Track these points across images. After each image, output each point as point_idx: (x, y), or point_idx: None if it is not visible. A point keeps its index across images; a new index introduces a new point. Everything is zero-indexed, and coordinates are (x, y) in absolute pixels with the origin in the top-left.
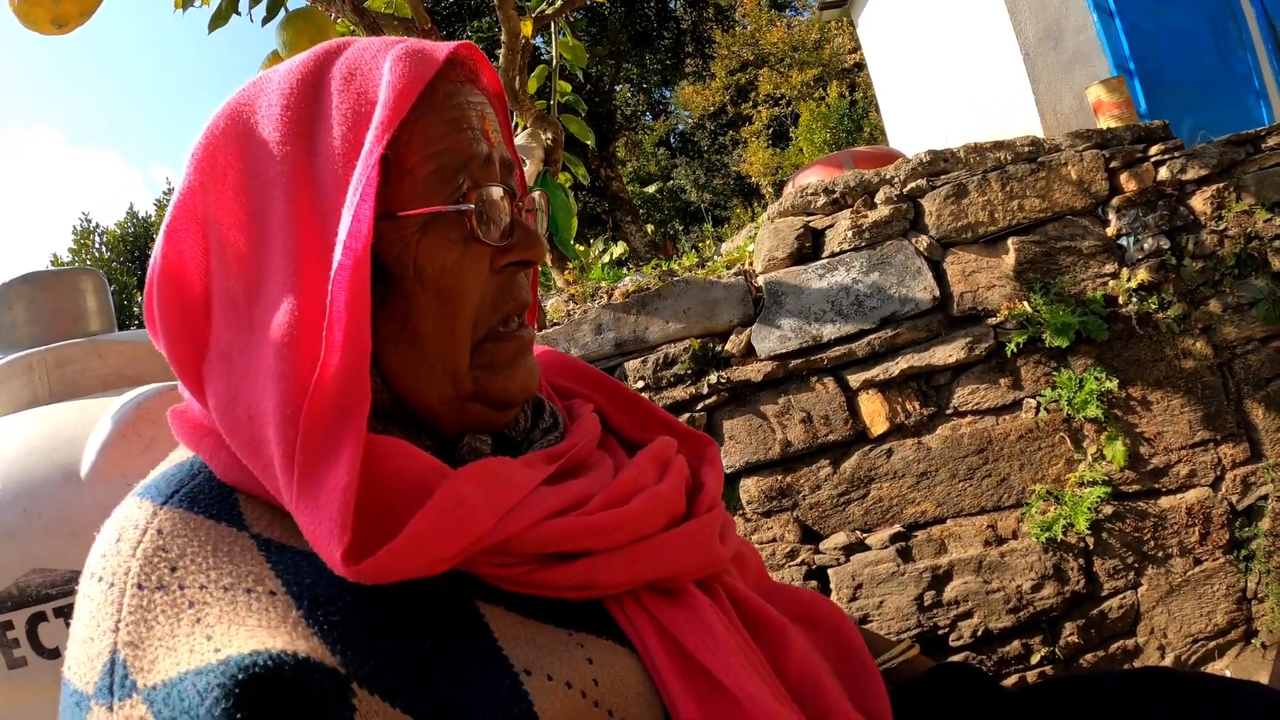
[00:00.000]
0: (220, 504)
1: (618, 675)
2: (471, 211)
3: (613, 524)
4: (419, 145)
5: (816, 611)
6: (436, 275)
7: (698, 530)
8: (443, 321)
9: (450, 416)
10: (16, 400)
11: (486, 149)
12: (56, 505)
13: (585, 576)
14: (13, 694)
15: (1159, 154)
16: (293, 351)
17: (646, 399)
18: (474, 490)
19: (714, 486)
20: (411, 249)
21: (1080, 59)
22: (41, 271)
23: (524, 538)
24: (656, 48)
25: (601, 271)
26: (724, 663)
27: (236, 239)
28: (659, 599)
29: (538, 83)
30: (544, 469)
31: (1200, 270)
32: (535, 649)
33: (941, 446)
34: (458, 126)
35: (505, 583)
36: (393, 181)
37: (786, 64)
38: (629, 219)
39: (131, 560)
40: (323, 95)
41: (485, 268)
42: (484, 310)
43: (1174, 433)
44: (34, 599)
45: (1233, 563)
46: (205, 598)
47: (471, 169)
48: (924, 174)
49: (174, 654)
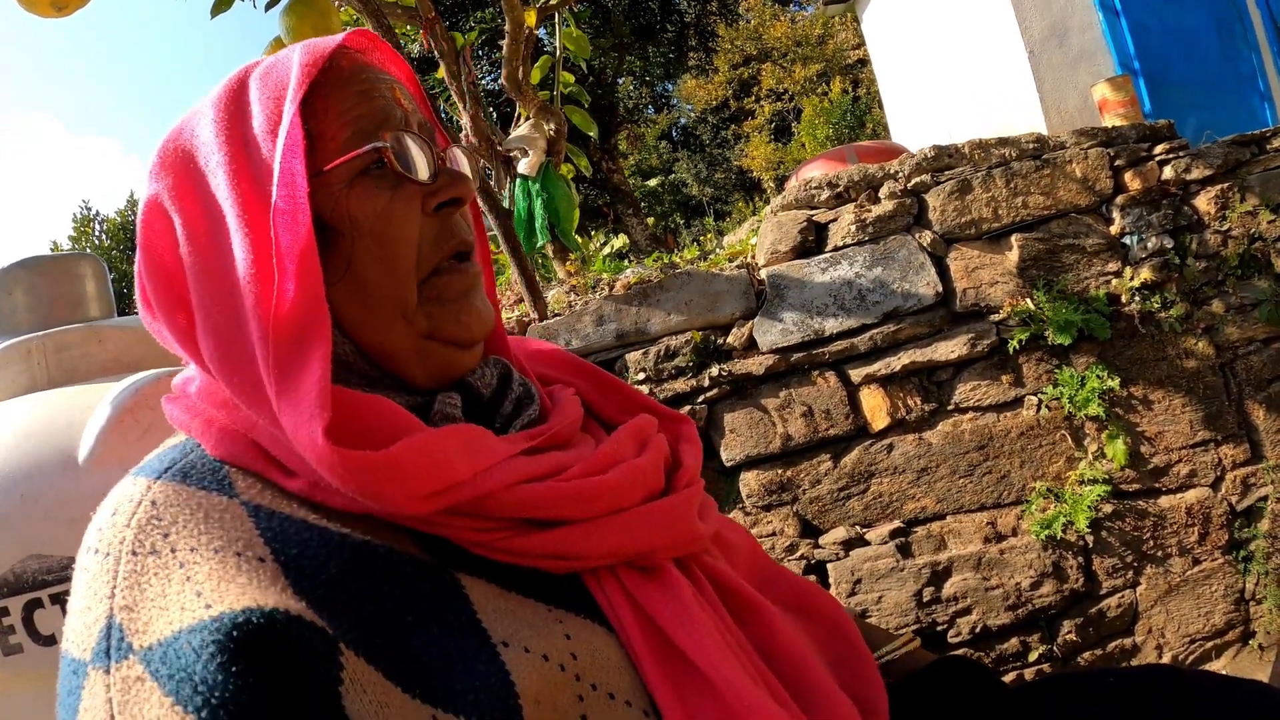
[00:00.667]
0: (212, 476)
1: (596, 650)
2: (387, 149)
3: (590, 492)
4: (335, 113)
5: (814, 602)
6: (370, 220)
7: (676, 505)
8: (384, 263)
9: (414, 361)
10: (15, 385)
11: (400, 112)
12: (54, 491)
13: (562, 545)
14: (9, 681)
15: (1164, 153)
16: (254, 287)
17: (624, 382)
18: (454, 443)
19: (692, 464)
20: (344, 200)
21: (1085, 57)
22: (41, 256)
23: (501, 498)
24: (659, 41)
25: (603, 263)
26: (698, 642)
27: (195, 221)
28: (637, 576)
29: (541, 73)
30: (522, 442)
31: (1203, 270)
32: (514, 621)
33: (942, 443)
34: (368, 95)
35: (483, 548)
36: (318, 148)
37: (790, 59)
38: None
39: (126, 530)
40: (245, 94)
41: (417, 209)
42: (425, 250)
43: (1175, 432)
44: (30, 585)
45: (1231, 563)
46: (195, 558)
47: (387, 126)
48: (928, 169)
49: (166, 612)
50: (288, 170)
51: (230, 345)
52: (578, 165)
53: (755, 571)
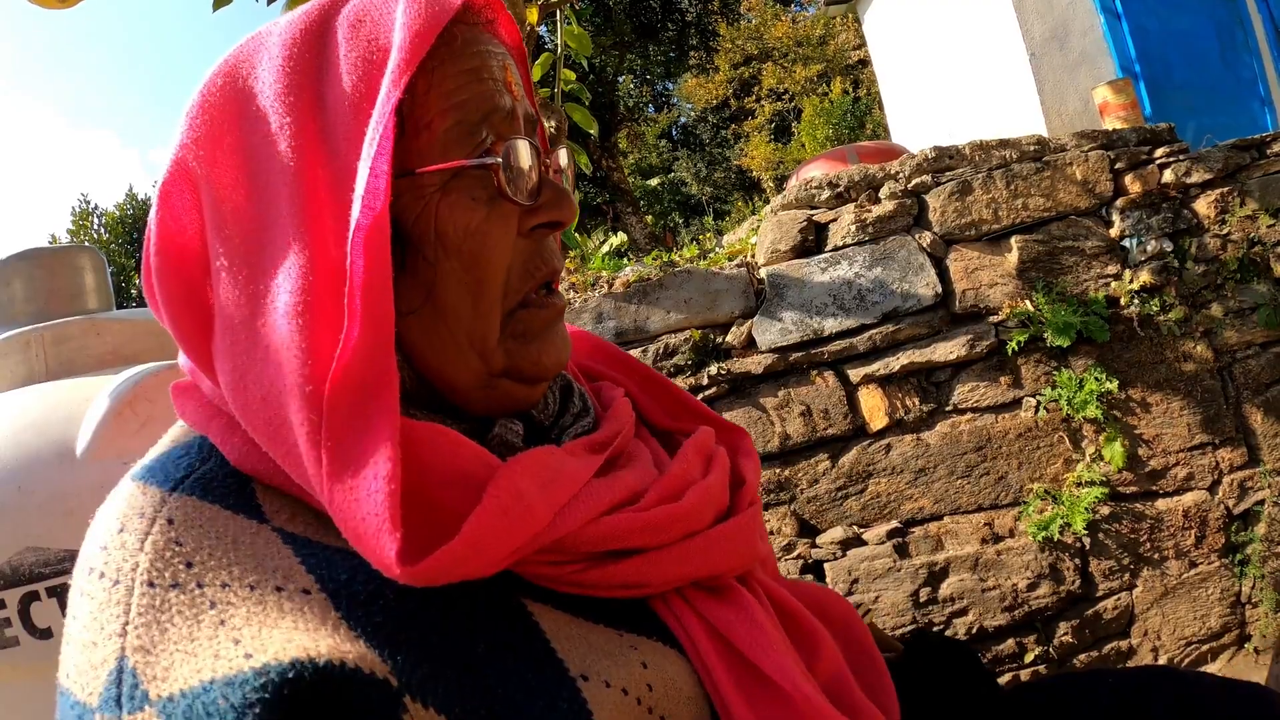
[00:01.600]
0: (237, 493)
1: (670, 679)
2: (498, 165)
3: (667, 520)
4: (437, 96)
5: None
6: (460, 238)
7: (744, 526)
8: (469, 290)
9: (478, 395)
10: (13, 377)
11: (510, 102)
12: (51, 483)
13: (638, 575)
14: (4, 673)
15: (1164, 157)
16: (309, 321)
17: (674, 384)
18: (529, 484)
19: (754, 480)
20: (432, 209)
21: (1086, 60)
22: (40, 249)
23: (580, 535)
24: (660, 39)
25: (602, 261)
26: (778, 663)
27: (234, 196)
28: (706, 597)
29: (542, 70)
30: (593, 460)
31: (1202, 274)
32: (589, 650)
33: (940, 443)
34: (478, 76)
35: (553, 582)
36: (409, 136)
37: (790, 59)
38: (629, 210)
39: (139, 554)
40: (329, 44)
41: (513, 230)
42: (514, 277)
43: (1172, 435)
44: (27, 578)
45: (1228, 567)
46: (229, 597)
47: (494, 121)
48: (929, 170)
49: (194, 659)
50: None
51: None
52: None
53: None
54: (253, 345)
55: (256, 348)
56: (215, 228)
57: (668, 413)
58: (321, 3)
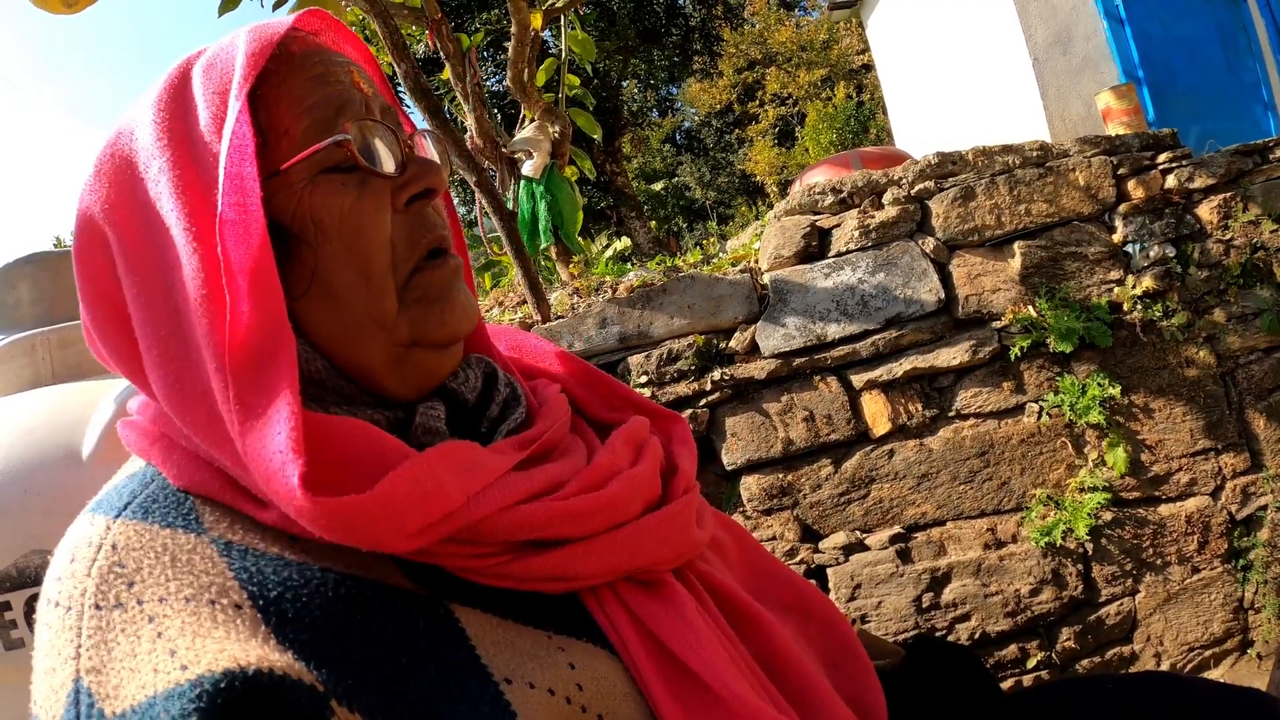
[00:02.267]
0: (176, 510)
1: (601, 677)
2: (349, 141)
3: (589, 509)
4: (288, 104)
5: (810, 603)
6: (337, 222)
7: (675, 514)
8: (356, 268)
9: (392, 372)
10: (19, 380)
11: (360, 96)
12: (57, 486)
13: (562, 566)
14: (10, 675)
15: (1167, 162)
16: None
17: (612, 377)
18: (444, 469)
19: (688, 468)
20: (305, 201)
21: (1089, 65)
22: (46, 252)
23: (496, 522)
24: (664, 44)
25: (605, 266)
26: (707, 661)
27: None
28: (637, 591)
29: (546, 75)
30: (514, 455)
31: (1205, 279)
32: (515, 654)
33: (943, 449)
34: (323, 80)
35: (478, 575)
36: (271, 145)
37: (794, 63)
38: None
39: (87, 580)
40: (188, 89)
41: (387, 206)
42: (399, 250)
43: (1175, 441)
44: (33, 580)
45: (1230, 572)
46: (165, 610)
47: (347, 113)
48: (932, 176)
49: (137, 674)
50: (235, 174)
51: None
52: (582, 168)
53: (749, 570)
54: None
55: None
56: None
57: (607, 405)
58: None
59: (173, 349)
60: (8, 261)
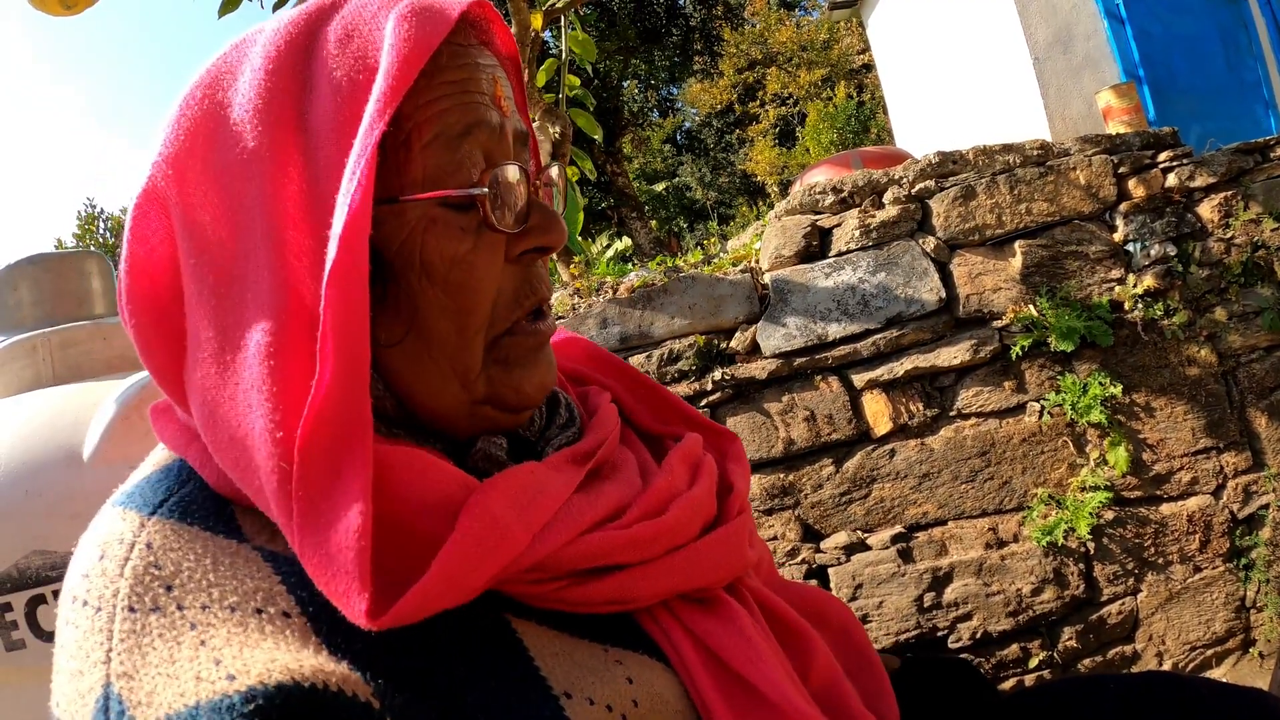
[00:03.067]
0: (216, 515)
1: (657, 694)
2: (485, 196)
3: (650, 536)
4: (420, 109)
5: (826, 611)
6: (446, 268)
7: (731, 535)
8: (454, 319)
9: (460, 422)
10: (20, 381)
11: (498, 118)
12: (58, 487)
13: (620, 591)
14: (11, 676)
15: (1167, 161)
16: (280, 364)
17: (664, 387)
18: (506, 508)
19: (743, 487)
20: (417, 238)
21: (1090, 64)
22: (46, 253)
23: (560, 556)
24: (665, 44)
25: (606, 266)
26: (766, 674)
27: (208, 223)
28: (692, 608)
29: (546, 76)
30: (574, 473)
31: (1206, 278)
32: (574, 668)
33: (944, 448)
34: (463, 88)
35: (537, 599)
36: (388, 153)
37: (795, 63)
38: (634, 215)
39: (120, 580)
40: (314, 60)
41: (500, 257)
42: (501, 305)
43: (1177, 440)
44: (34, 581)
45: (1232, 571)
46: (209, 619)
47: (479, 137)
48: (932, 175)
49: (176, 681)
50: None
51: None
52: (582, 168)
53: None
54: (223, 382)
55: (226, 385)
56: (186, 254)
57: (656, 417)
58: (309, 10)
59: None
60: (9, 263)
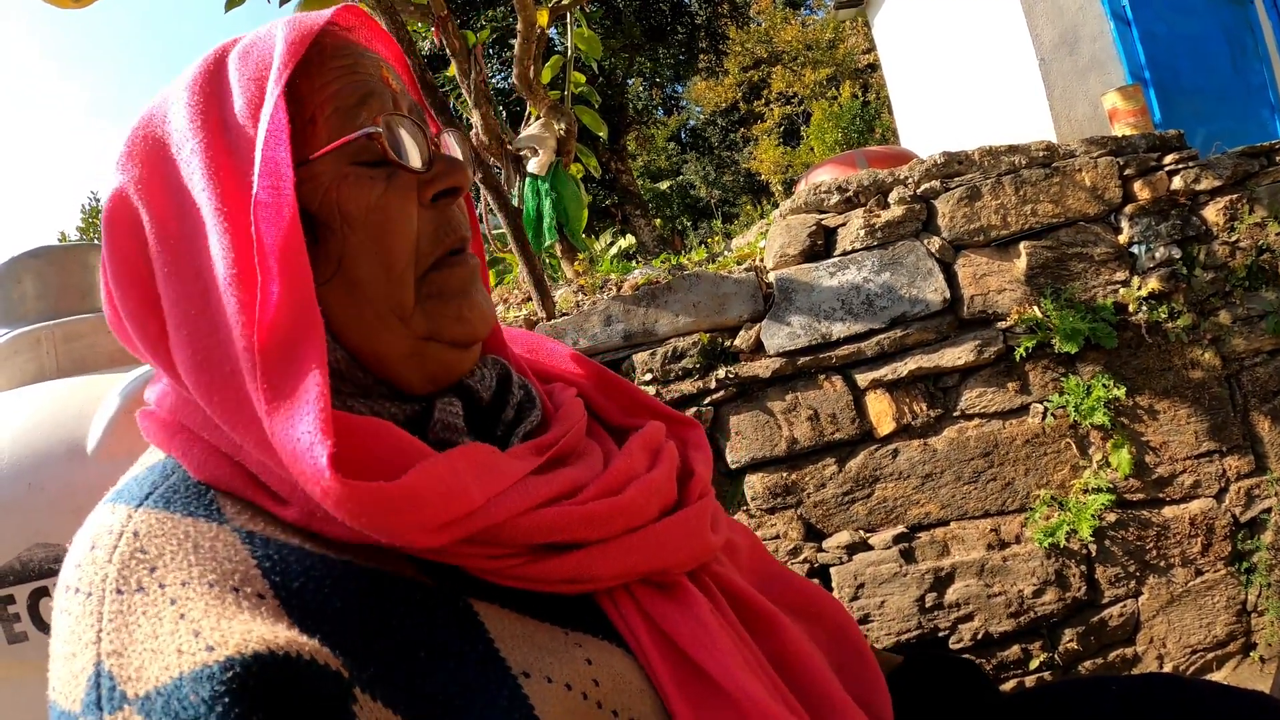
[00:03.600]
0: (197, 500)
1: (617, 674)
2: (380, 134)
3: (606, 514)
4: (318, 94)
5: (819, 605)
6: (364, 213)
7: (690, 519)
8: (378, 259)
9: (409, 364)
10: (23, 374)
11: (389, 92)
12: (61, 480)
13: (578, 569)
14: (12, 668)
15: (1173, 163)
16: (235, 289)
17: (628, 382)
18: (464, 469)
19: (704, 472)
20: (334, 191)
21: (1096, 66)
22: (51, 246)
23: (515, 525)
24: (670, 42)
25: (610, 264)
26: (720, 661)
27: (165, 212)
28: (652, 592)
29: (552, 73)
30: (532, 460)
31: (1211, 281)
32: (533, 649)
33: (947, 448)
34: (351, 70)
35: (496, 576)
36: (300, 131)
37: (800, 62)
38: (638, 213)
39: (108, 566)
40: (223, 74)
41: (413, 201)
42: (423, 244)
43: (1180, 443)
44: (36, 574)
45: (1234, 575)
46: (188, 594)
47: (372, 105)
48: (938, 175)
49: (161, 655)
50: (270, 158)
51: (209, 356)
52: (587, 165)
53: (759, 572)
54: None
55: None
56: (155, 240)
57: (622, 409)
58: (214, 48)
59: (202, 328)
60: (13, 256)
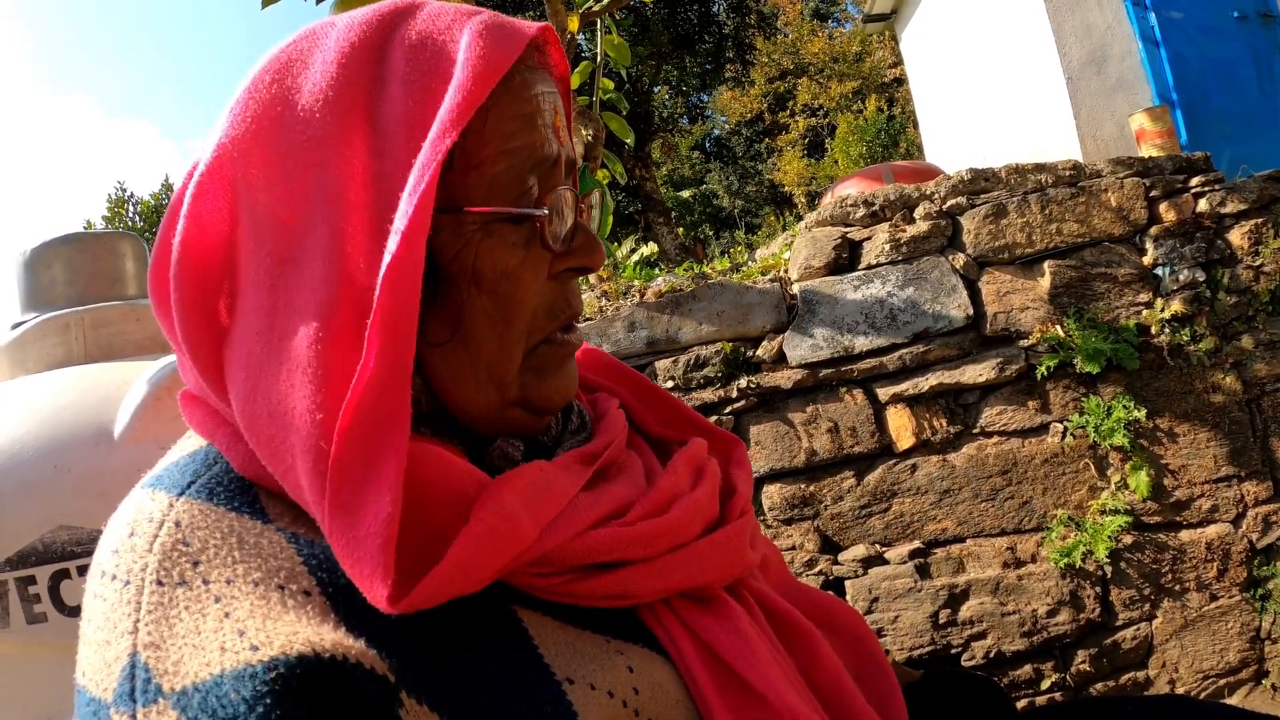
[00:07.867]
0: (241, 496)
1: (656, 683)
2: (544, 217)
3: (653, 534)
4: (491, 138)
5: (836, 616)
6: (495, 279)
7: (732, 537)
8: (497, 328)
9: (490, 420)
10: (51, 358)
11: (557, 148)
12: (86, 463)
13: (623, 586)
14: (32, 649)
15: (1199, 185)
16: (327, 349)
17: (671, 394)
18: (515, 502)
19: (745, 490)
20: (471, 248)
21: (1123, 86)
22: (81, 233)
23: (566, 550)
24: (697, 51)
25: (634, 270)
26: (761, 672)
27: (273, 207)
28: (692, 606)
29: (580, 79)
30: (581, 472)
31: (1234, 305)
32: (576, 656)
33: (966, 465)
34: (532, 122)
35: (542, 592)
36: (458, 171)
37: (826, 75)
38: (660, 220)
39: (148, 555)
40: (388, 59)
41: (544, 273)
42: (539, 317)
43: (1198, 466)
44: (59, 555)
45: (1249, 601)
46: (233, 592)
47: (541, 170)
48: (964, 192)
49: (202, 652)
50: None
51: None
52: (613, 171)
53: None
54: (268, 360)
55: (271, 362)
56: (251, 235)
57: (663, 421)
58: (382, 13)
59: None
60: (43, 241)
